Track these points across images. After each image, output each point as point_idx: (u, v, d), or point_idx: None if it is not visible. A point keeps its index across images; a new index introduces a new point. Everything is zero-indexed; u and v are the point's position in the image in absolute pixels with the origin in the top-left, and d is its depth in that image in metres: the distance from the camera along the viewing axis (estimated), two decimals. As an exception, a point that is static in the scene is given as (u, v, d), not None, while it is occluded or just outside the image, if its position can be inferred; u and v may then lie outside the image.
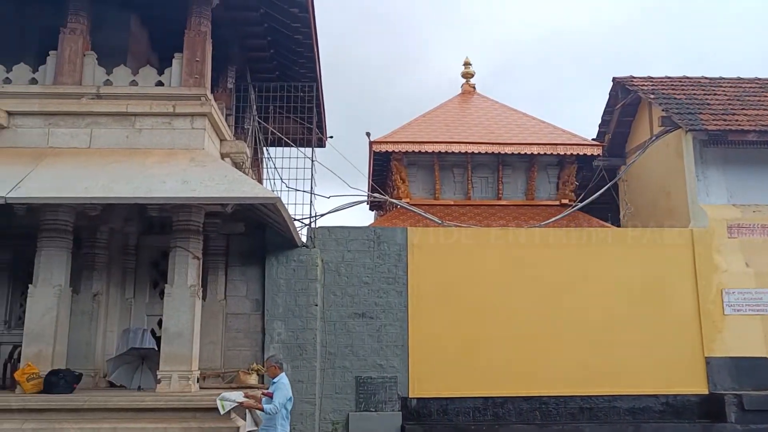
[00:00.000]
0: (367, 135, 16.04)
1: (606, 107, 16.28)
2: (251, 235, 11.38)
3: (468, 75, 19.52)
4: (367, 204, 20.10)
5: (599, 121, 16.67)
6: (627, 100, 15.36)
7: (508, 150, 15.80)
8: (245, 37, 12.59)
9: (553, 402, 11.29)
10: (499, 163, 16.38)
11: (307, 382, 10.87)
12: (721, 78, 15.03)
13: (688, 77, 15.01)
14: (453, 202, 16.28)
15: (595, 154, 16.05)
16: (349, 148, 14.56)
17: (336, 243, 11.68)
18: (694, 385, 11.47)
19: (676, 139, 13.45)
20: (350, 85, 50.21)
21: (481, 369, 11.26)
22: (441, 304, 11.48)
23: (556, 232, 12.22)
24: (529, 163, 16.46)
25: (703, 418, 11.24)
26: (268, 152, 14.52)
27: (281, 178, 12.69)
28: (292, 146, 13.44)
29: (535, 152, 15.87)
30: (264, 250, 11.34)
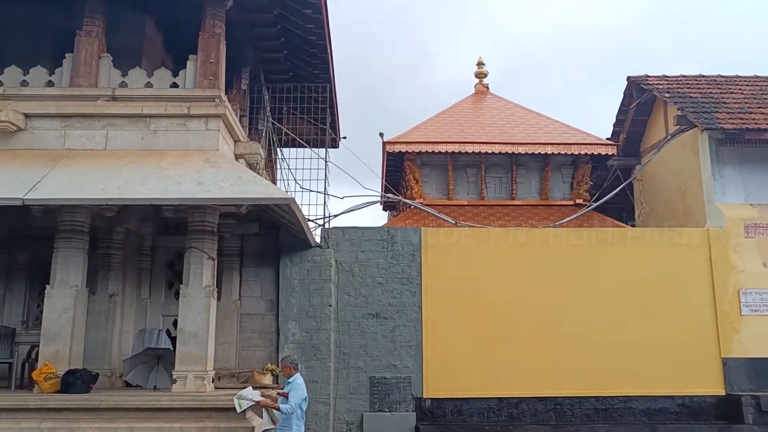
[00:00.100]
0: (381, 135, 16.07)
1: (620, 106, 16.18)
2: (265, 236, 11.43)
3: (481, 75, 19.48)
4: (381, 204, 20.13)
5: (613, 121, 16.60)
6: (642, 99, 15.27)
7: (522, 150, 15.75)
8: (259, 39, 12.64)
9: (568, 403, 11.24)
10: (512, 163, 16.34)
11: (321, 383, 10.88)
12: (738, 76, 14.90)
13: (704, 76, 14.90)
14: (466, 203, 16.25)
15: (610, 153, 15.96)
16: (362, 149, 14.58)
17: (350, 243, 11.70)
18: (710, 386, 11.38)
19: (692, 138, 13.36)
20: (363, 85, 50.30)
21: (496, 369, 11.24)
22: (455, 304, 11.46)
23: (571, 232, 12.16)
24: (543, 163, 16.40)
25: (719, 420, 11.17)
26: (281, 153, 14.55)
27: (295, 179, 12.70)
28: (305, 147, 13.45)
29: (549, 152, 15.81)
30: (278, 250, 11.37)
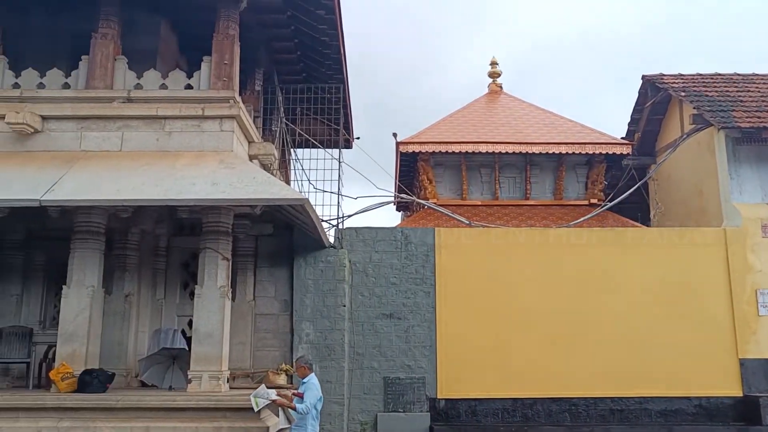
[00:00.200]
0: (394, 136, 16.06)
1: (635, 105, 16.08)
2: (279, 237, 11.46)
3: (495, 74, 19.43)
4: (394, 205, 20.10)
5: (628, 120, 16.48)
6: (657, 98, 15.15)
7: (536, 150, 15.69)
8: (272, 40, 12.68)
9: (583, 403, 11.18)
10: (526, 163, 16.28)
11: (335, 383, 10.89)
12: (755, 74, 14.76)
13: (720, 74, 14.77)
14: (480, 203, 16.20)
15: (625, 153, 15.86)
16: (375, 149, 14.58)
17: (363, 244, 11.70)
18: (727, 387, 11.28)
19: (708, 137, 13.24)
20: (377, 86, 50.30)
21: (510, 370, 11.20)
22: (469, 305, 11.43)
23: (585, 232, 12.10)
24: (557, 163, 16.32)
25: (737, 421, 11.07)
26: (295, 154, 14.59)
27: (309, 180, 12.73)
28: (319, 148, 13.48)
29: (564, 152, 15.74)
30: (292, 251, 11.40)
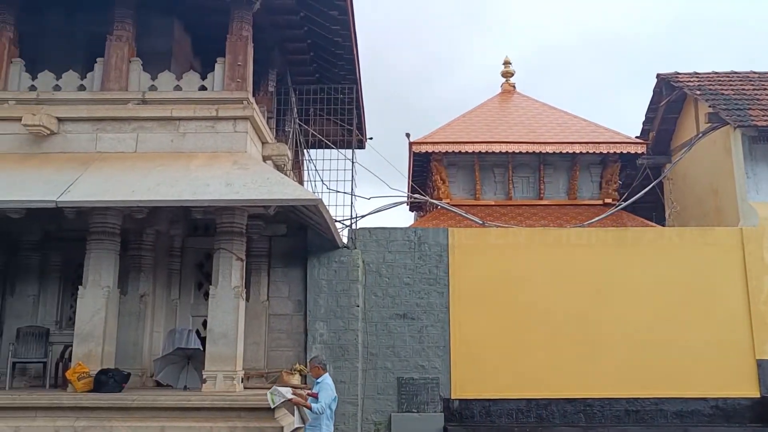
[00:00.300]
0: (407, 136, 16.05)
1: (650, 104, 15.96)
2: (293, 237, 11.50)
3: (508, 74, 19.36)
4: (407, 205, 20.13)
5: (642, 120, 16.37)
6: (672, 96, 15.04)
7: (550, 149, 15.62)
8: (285, 41, 12.72)
9: (598, 404, 11.11)
10: (540, 163, 16.21)
11: (349, 383, 10.90)
12: (772, 72, 14.63)
13: (736, 72, 14.64)
14: (494, 203, 16.16)
15: (639, 152, 15.75)
16: (388, 150, 14.61)
17: (377, 244, 11.70)
18: (745, 388, 11.16)
19: (724, 136, 13.12)
20: (389, 86, 50.32)
21: (524, 370, 11.15)
22: (483, 305, 11.39)
23: (600, 232, 12.02)
24: (571, 162, 16.24)
25: (754, 422, 10.95)
26: (308, 154, 14.63)
27: (322, 180, 12.79)
28: (332, 148, 13.51)
29: (577, 151, 15.64)
30: (306, 251, 11.42)
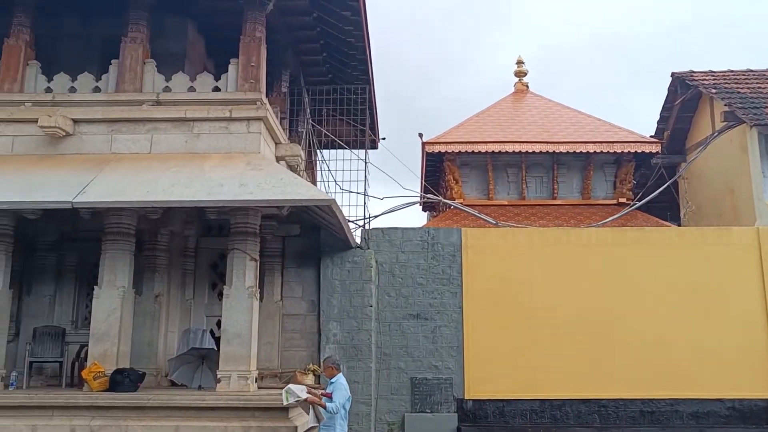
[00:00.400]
0: (420, 136, 16.06)
1: (664, 103, 15.87)
2: (306, 237, 11.51)
3: (521, 73, 19.32)
4: (420, 205, 20.10)
5: (657, 119, 16.27)
6: (687, 95, 14.94)
7: (563, 149, 15.57)
8: (298, 42, 12.76)
9: (613, 405, 11.04)
10: (553, 162, 16.15)
11: (362, 383, 10.91)
12: (788, 70, 14.49)
13: (752, 70, 14.52)
14: (507, 202, 16.12)
15: (654, 151, 15.67)
16: (401, 150, 14.60)
17: (390, 244, 11.70)
18: (761, 389, 11.04)
19: (740, 135, 13.02)
20: (402, 86, 50.28)
21: (538, 370, 11.10)
22: (496, 305, 11.35)
23: (615, 232, 11.96)
24: (584, 162, 16.17)
25: (771, 424, 10.86)
26: (321, 155, 14.66)
27: (335, 180, 12.78)
28: (345, 148, 13.52)
29: (591, 150, 15.58)
30: (319, 251, 11.43)
